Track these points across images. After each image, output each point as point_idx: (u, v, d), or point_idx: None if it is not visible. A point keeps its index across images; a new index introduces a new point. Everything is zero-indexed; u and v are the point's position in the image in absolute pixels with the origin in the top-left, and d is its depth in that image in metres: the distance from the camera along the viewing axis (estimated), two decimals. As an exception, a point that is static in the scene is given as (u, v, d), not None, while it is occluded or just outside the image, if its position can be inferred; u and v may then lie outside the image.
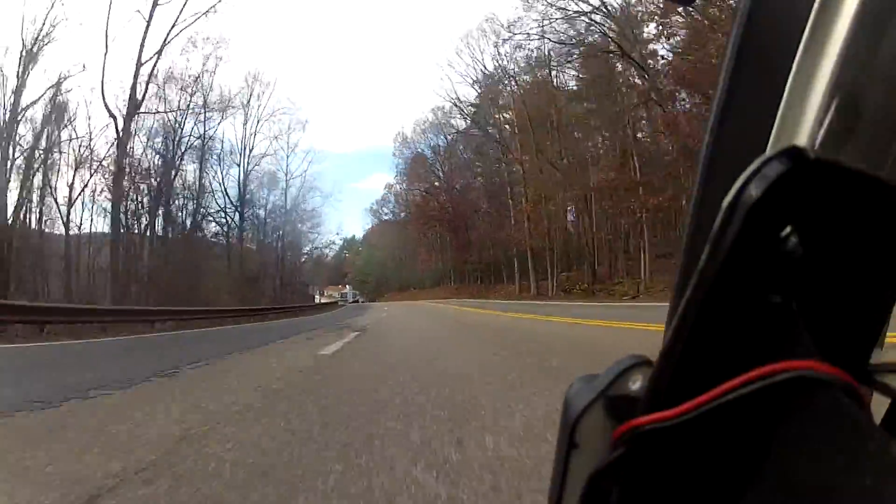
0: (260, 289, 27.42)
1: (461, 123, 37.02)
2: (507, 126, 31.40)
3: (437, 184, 42.24)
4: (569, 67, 24.57)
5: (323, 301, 37.89)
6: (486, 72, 30.52)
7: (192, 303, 17.48)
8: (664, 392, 0.18)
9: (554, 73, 25.80)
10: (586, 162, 24.48)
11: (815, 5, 0.23)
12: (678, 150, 17.86)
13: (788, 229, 0.17)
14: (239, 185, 28.58)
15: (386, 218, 54.38)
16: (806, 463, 0.15)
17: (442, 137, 40.62)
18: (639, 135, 22.52)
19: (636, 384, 0.20)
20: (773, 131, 0.26)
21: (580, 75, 24.41)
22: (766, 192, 0.16)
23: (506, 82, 29.43)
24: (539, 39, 24.10)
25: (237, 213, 28.25)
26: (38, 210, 19.59)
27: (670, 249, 19.46)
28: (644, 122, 22.04)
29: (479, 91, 31.38)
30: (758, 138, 0.27)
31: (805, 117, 0.24)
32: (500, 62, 29.07)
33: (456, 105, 33.39)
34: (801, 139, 0.24)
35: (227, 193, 27.64)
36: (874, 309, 0.18)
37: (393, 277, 57.49)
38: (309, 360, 4.55)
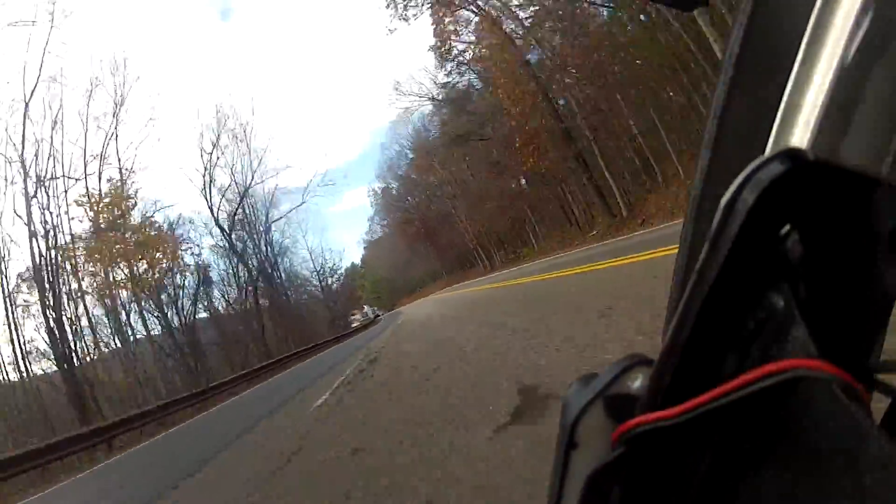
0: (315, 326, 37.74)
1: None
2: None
3: (409, 209, 50.77)
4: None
5: (355, 324, 47.34)
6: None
7: (301, 343, 25.96)
8: (664, 392, 0.19)
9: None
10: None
11: (816, 6, 0.23)
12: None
13: (787, 229, 0.17)
14: (272, 254, 35.57)
15: (377, 237, 65.02)
16: (806, 463, 0.16)
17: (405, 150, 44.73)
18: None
19: (636, 383, 0.21)
20: (773, 132, 0.26)
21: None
22: (765, 192, 0.16)
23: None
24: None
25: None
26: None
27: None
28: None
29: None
30: (757, 139, 0.27)
31: (804, 118, 0.24)
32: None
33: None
34: (801, 140, 0.24)
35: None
36: (874, 309, 0.18)
37: (399, 285, 68.33)
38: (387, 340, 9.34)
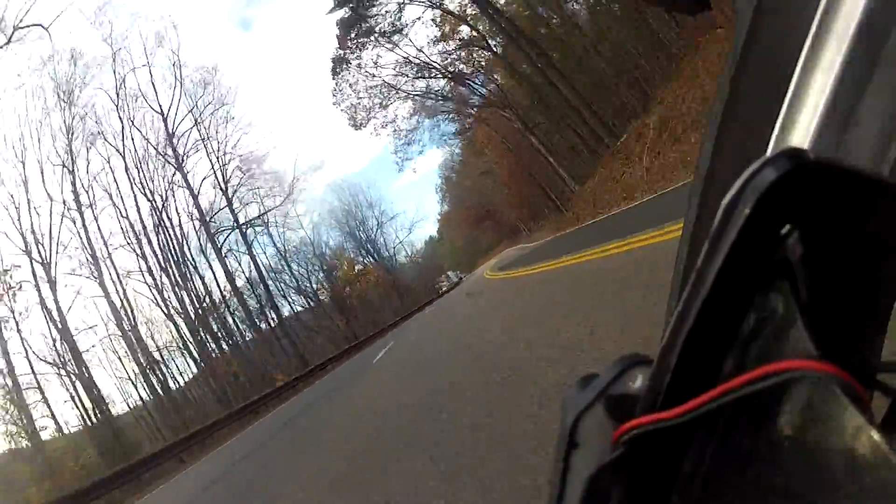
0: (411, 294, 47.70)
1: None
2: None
3: (468, 191, 55.50)
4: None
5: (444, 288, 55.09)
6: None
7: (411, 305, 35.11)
8: (664, 392, 0.19)
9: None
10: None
11: (818, 8, 0.23)
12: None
13: (787, 229, 0.17)
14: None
15: (448, 212, 73.46)
16: (806, 463, 0.16)
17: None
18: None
19: (636, 383, 0.21)
20: (774, 133, 0.26)
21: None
22: (766, 193, 0.16)
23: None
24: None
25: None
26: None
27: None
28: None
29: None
30: (758, 140, 0.27)
31: (805, 119, 0.24)
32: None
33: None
34: (802, 141, 0.24)
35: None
36: (875, 309, 0.18)
37: (472, 251, 76.38)
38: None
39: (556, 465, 0.22)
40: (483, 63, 22.72)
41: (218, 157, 31.35)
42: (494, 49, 20.28)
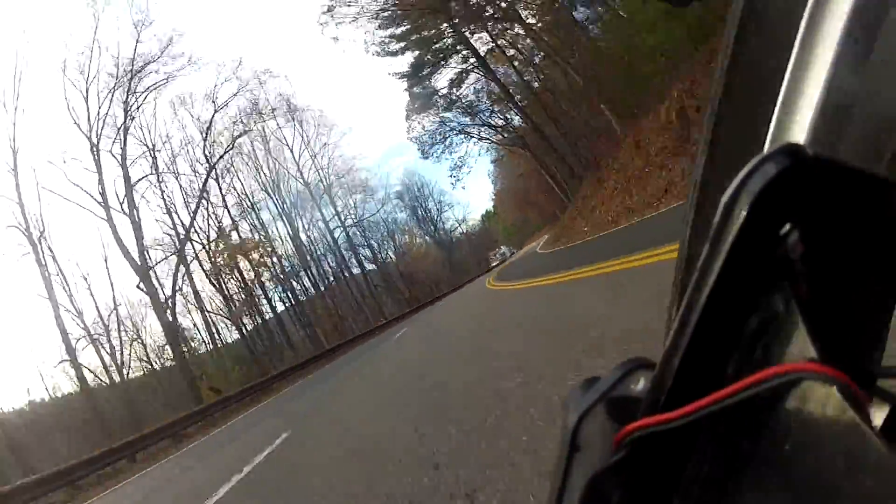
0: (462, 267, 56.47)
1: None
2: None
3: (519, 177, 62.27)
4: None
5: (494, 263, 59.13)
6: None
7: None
8: (666, 394, 0.18)
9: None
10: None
11: (811, 2, 0.23)
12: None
13: (787, 228, 0.17)
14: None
15: (501, 190, 79.94)
16: (807, 466, 0.16)
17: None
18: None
19: (638, 386, 0.21)
20: (771, 129, 0.26)
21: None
22: (765, 191, 0.16)
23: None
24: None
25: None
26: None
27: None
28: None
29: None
30: (756, 137, 0.27)
31: (803, 115, 0.24)
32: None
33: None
34: (800, 137, 0.24)
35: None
36: (876, 310, 0.18)
37: (524, 231, 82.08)
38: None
39: (557, 467, 0.22)
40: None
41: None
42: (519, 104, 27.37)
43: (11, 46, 26.39)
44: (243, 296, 30.43)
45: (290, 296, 35.60)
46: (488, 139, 33.50)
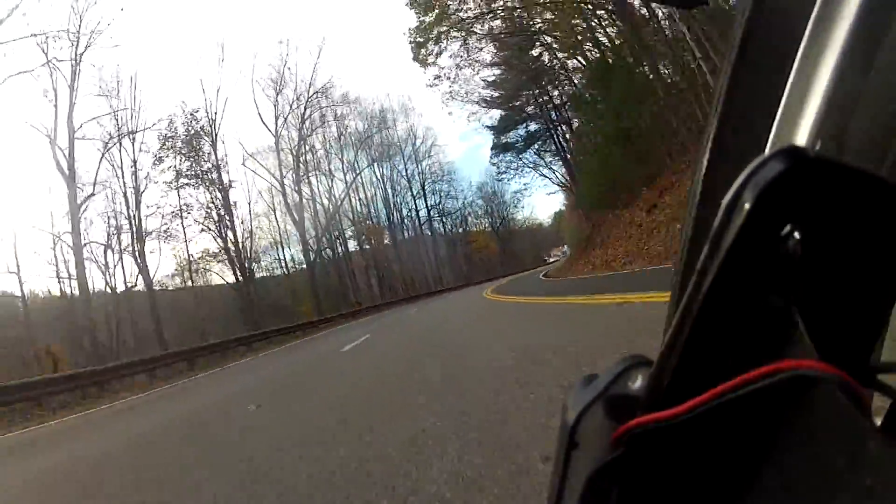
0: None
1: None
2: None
3: None
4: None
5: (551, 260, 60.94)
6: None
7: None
8: (664, 392, 0.19)
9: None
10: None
11: (816, 5, 0.23)
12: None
13: (788, 228, 0.17)
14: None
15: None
16: (806, 463, 0.16)
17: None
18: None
19: (636, 384, 0.21)
20: (773, 131, 0.26)
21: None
22: (765, 191, 0.16)
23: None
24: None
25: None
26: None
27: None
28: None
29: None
30: (757, 138, 0.27)
31: (805, 117, 0.24)
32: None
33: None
34: (801, 138, 0.24)
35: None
36: (874, 308, 0.18)
37: (583, 235, 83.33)
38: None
39: (555, 464, 0.22)
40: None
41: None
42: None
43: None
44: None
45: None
46: (547, 177, 41.53)
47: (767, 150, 0.17)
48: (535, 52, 27.22)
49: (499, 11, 23.88)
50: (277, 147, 33.79)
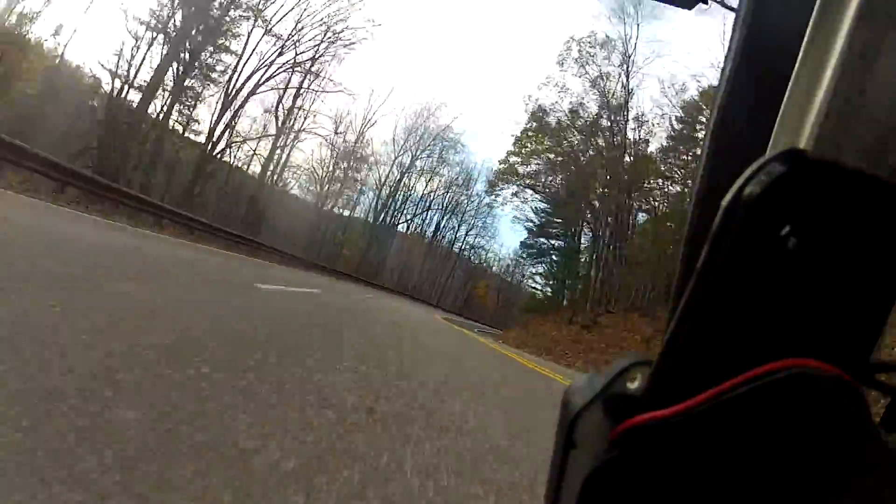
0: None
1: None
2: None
3: None
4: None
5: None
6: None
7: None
8: (663, 391, 0.19)
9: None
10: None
11: (816, 7, 0.24)
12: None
13: (788, 229, 0.17)
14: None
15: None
16: (806, 463, 0.16)
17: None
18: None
19: (635, 383, 0.20)
20: (773, 132, 0.26)
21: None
22: (766, 192, 0.16)
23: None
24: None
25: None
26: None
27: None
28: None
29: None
30: (758, 139, 0.27)
31: (805, 119, 0.24)
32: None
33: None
34: (801, 140, 0.24)
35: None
36: (874, 308, 0.18)
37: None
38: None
39: (553, 464, 0.22)
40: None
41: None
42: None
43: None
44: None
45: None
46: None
47: (768, 152, 0.17)
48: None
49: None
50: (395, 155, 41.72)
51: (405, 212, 46.44)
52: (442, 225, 49.99)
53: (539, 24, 76.11)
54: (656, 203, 23.85)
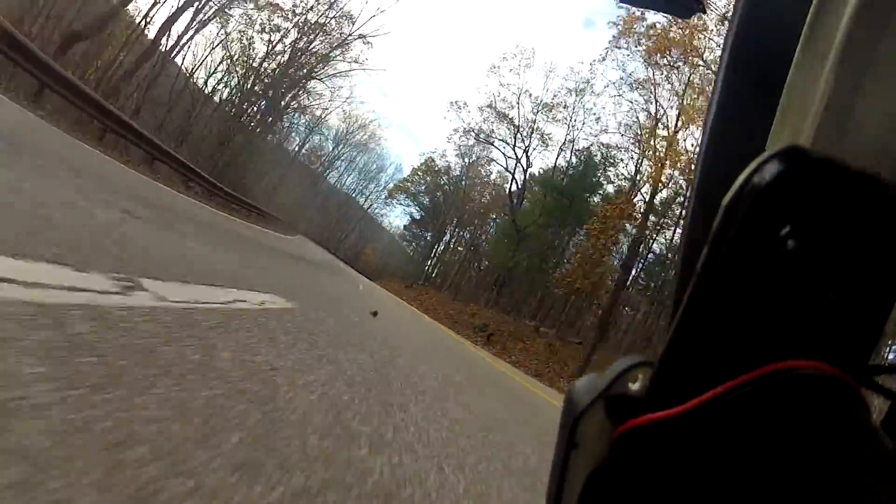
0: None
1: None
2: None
3: None
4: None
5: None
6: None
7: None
8: (664, 392, 0.19)
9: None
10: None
11: (813, 4, 0.23)
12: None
13: (788, 228, 0.17)
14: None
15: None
16: (806, 463, 0.16)
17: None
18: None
19: (636, 384, 0.20)
20: (773, 131, 0.26)
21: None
22: (766, 192, 0.16)
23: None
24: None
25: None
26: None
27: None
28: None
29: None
30: (757, 138, 0.27)
31: (804, 117, 0.24)
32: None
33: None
34: (801, 139, 0.24)
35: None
36: (874, 309, 0.18)
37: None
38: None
39: (555, 463, 0.22)
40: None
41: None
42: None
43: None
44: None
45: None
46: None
47: (767, 151, 0.17)
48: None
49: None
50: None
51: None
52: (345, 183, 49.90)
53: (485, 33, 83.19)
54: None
